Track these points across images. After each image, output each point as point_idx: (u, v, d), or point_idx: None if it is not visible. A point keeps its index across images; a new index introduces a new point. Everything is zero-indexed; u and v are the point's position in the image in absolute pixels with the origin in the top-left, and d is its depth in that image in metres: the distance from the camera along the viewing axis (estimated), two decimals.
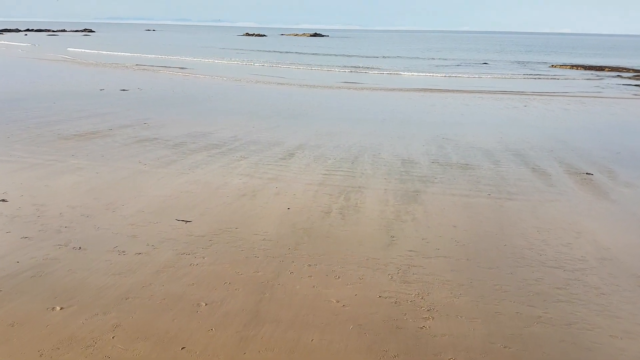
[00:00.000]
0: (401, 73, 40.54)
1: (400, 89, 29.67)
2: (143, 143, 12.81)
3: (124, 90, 25.27)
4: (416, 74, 40.17)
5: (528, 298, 5.33)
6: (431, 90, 29.45)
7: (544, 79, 39.24)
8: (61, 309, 4.71)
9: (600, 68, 46.87)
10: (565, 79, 39.15)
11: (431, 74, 39.92)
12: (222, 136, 14.28)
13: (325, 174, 10.20)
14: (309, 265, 5.82)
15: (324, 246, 6.43)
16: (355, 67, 45.02)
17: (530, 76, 40.63)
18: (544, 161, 12.33)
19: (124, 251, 6.08)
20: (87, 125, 15.06)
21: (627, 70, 44.98)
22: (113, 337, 4.25)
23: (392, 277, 5.61)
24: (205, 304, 4.82)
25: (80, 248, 6.16)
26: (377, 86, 30.92)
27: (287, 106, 21.69)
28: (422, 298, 5.17)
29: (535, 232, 7.29)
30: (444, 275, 5.75)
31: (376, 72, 41.28)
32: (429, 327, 4.64)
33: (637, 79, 38.21)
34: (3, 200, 7.86)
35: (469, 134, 16.50)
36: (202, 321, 4.53)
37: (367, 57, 59.13)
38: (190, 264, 5.74)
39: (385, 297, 5.14)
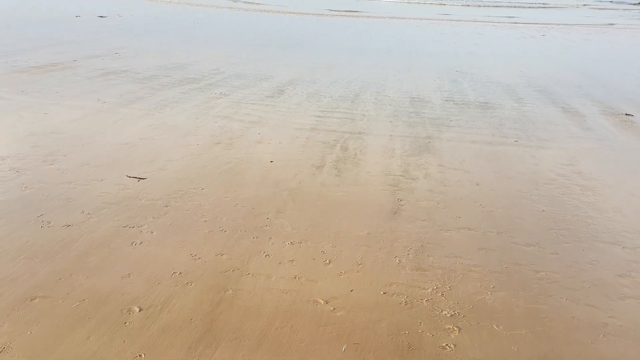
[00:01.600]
0: (406, 0, 37.46)
1: (406, 18, 27.15)
2: (108, 76, 11.03)
3: (101, 16, 22.90)
4: (422, 1, 37.10)
5: (584, 292, 3.93)
6: (440, 19, 26.95)
7: (560, 7, 36.26)
8: None
9: None
10: (584, 6, 36.17)
11: (439, 2, 36.86)
12: (202, 68, 12.45)
13: (320, 116, 8.56)
14: (292, 244, 4.38)
15: (312, 214, 4.97)
16: None
17: (546, 4, 37.58)
18: (574, 99, 10.64)
19: (49, 222, 4.63)
20: (50, 56, 13.16)
21: None
22: None
23: (400, 262, 4.19)
24: (140, 310, 3.42)
25: None
26: (380, 14, 28.32)
27: (281, 35, 19.55)
28: (442, 295, 3.78)
29: (578, 192, 5.81)
30: (470, 257, 4.33)
31: None
32: (455, 345, 3.27)
33: None
34: None
35: (485, 66, 14.62)
36: (129, 340, 3.14)
37: None
38: (132, 243, 4.30)
39: (393, 295, 3.74)
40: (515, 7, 35.55)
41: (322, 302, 3.61)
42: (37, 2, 27.94)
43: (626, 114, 9.52)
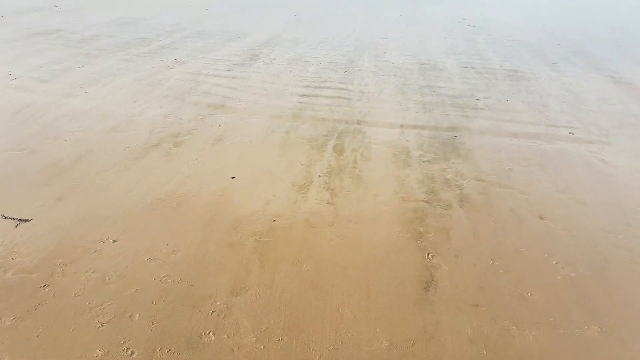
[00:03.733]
0: None
1: None
2: (35, 38, 8.62)
3: None
4: None
5: None
6: None
7: None
8: None
9: None
10: None
11: None
12: (158, 24, 10.02)
13: (304, 95, 6.42)
14: None
15: (292, 296, 2.99)
16: None
17: None
18: (621, 64, 8.55)
19: None
20: None
21: None
22: None
23: None
24: None
25: None
26: None
27: None
28: None
29: None
30: None
31: None
32: None
33: None
34: None
35: (500, 18, 12.33)
36: None
37: None
38: None
39: None
40: None
41: None
42: None
43: None
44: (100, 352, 2.51)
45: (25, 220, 3.60)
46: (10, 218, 3.63)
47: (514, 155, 4.93)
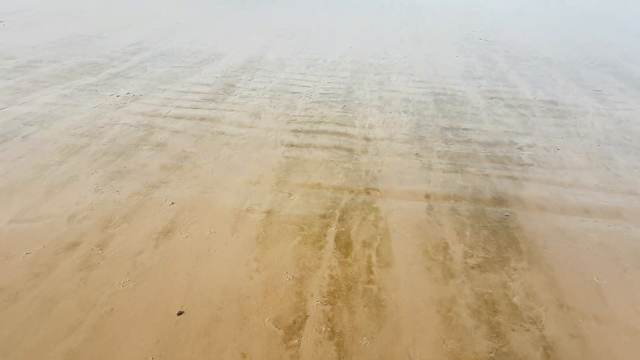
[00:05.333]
0: None
1: None
2: None
3: None
4: None
5: None
6: None
7: None
8: None
9: None
10: None
11: None
12: (116, 43, 8.40)
13: (292, 146, 4.85)
14: None
15: None
16: None
17: None
18: None
19: None
20: None
21: None
22: None
23: None
24: None
25: None
26: None
27: None
28: None
29: None
30: None
31: None
32: None
33: None
34: None
35: (513, 29, 10.89)
36: None
37: None
38: None
39: None
40: None
41: None
42: None
43: None
44: None
45: None
46: None
47: (597, 250, 3.40)
